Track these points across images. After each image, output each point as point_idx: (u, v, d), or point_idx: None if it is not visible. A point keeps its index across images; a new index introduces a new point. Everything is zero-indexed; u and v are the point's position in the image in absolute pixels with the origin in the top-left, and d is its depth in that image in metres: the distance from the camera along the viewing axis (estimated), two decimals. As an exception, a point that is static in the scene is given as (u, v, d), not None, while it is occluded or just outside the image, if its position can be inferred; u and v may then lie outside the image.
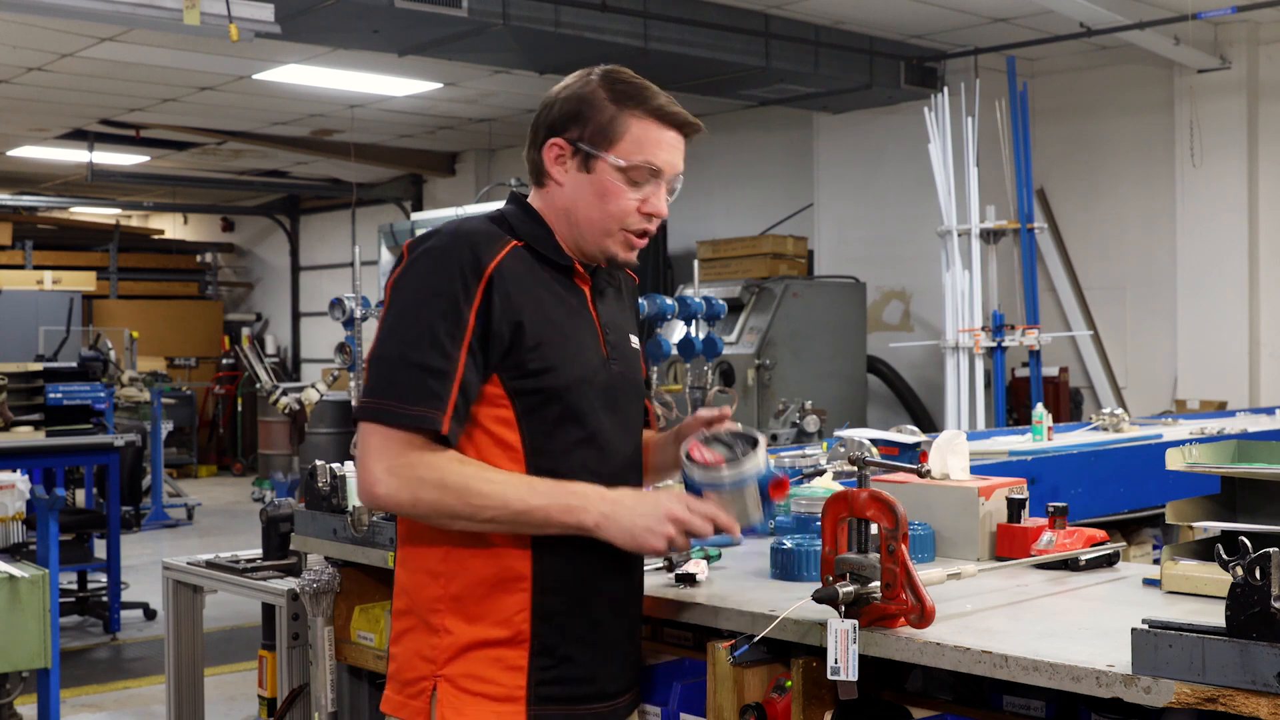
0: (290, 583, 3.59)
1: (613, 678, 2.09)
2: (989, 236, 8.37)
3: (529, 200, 2.15)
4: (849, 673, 1.95)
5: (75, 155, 13.84)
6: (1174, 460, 2.29)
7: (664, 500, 1.98)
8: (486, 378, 1.97)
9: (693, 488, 2.01)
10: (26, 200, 16.40)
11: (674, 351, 5.24)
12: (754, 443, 2.01)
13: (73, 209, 18.02)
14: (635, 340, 2.22)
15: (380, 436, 1.92)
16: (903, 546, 1.93)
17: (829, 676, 1.97)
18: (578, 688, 2.04)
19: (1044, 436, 4.69)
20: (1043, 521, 2.49)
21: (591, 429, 2.03)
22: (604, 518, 1.95)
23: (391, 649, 2.08)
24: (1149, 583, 2.29)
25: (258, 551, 3.98)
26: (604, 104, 2.05)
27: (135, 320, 15.58)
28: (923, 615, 1.93)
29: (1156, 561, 2.42)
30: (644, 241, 2.12)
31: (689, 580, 2.37)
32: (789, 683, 2.13)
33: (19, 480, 6.04)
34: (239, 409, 15.77)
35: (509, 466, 1.99)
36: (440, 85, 10.83)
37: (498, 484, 1.93)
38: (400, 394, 1.91)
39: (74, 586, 7.63)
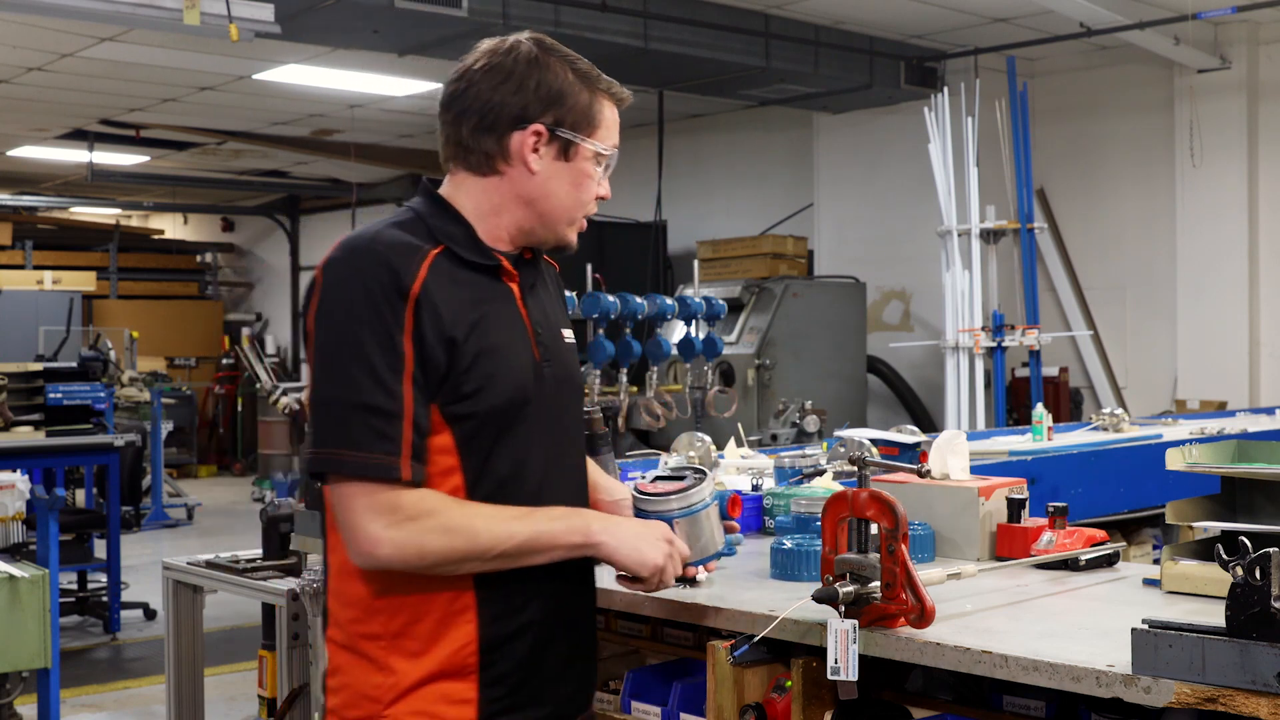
0: (290, 583, 3.59)
1: (568, 698, 1.96)
2: (989, 236, 8.37)
3: (443, 191, 1.96)
4: (849, 673, 1.95)
5: (75, 155, 13.84)
6: (1174, 460, 2.29)
7: (655, 524, 1.97)
8: (430, 408, 1.81)
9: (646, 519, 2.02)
10: (26, 200, 16.41)
11: (674, 351, 5.25)
12: (702, 475, 2.04)
13: (73, 209, 18.02)
14: (569, 334, 2.04)
15: (360, 491, 1.77)
16: (903, 546, 1.93)
17: (829, 676, 1.97)
18: (534, 711, 1.91)
19: (1044, 436, 4.69)
20: (1043, 521, 2.49)
21: (533, 443, 1.89)
22: (607, 534, 1.88)
23: (329, 681, 1.94)
24: (1149, 583, 2.29)
25: (258, 551, 3.98)
26: (577, 87, 1.92)
27: (135, 320, 15.58)
28: (923, 615, 1.93)
29: (1156, 561, 2.42)
30: (585, 227, 2.00)
31: (689, 580, 2.37)
32: (789, 683, 2.13)
33: (19, 480, 6.04)
34: (239, 409, 15.77)
35: (453, 495, 1.86)
36: (440, 85, 10.78)
37: (497, 518, 1.81)
38: (350, 442, 1.76)
39: (74, 586, 7.63)
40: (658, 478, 2.09)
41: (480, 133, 1.91)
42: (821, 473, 3.27)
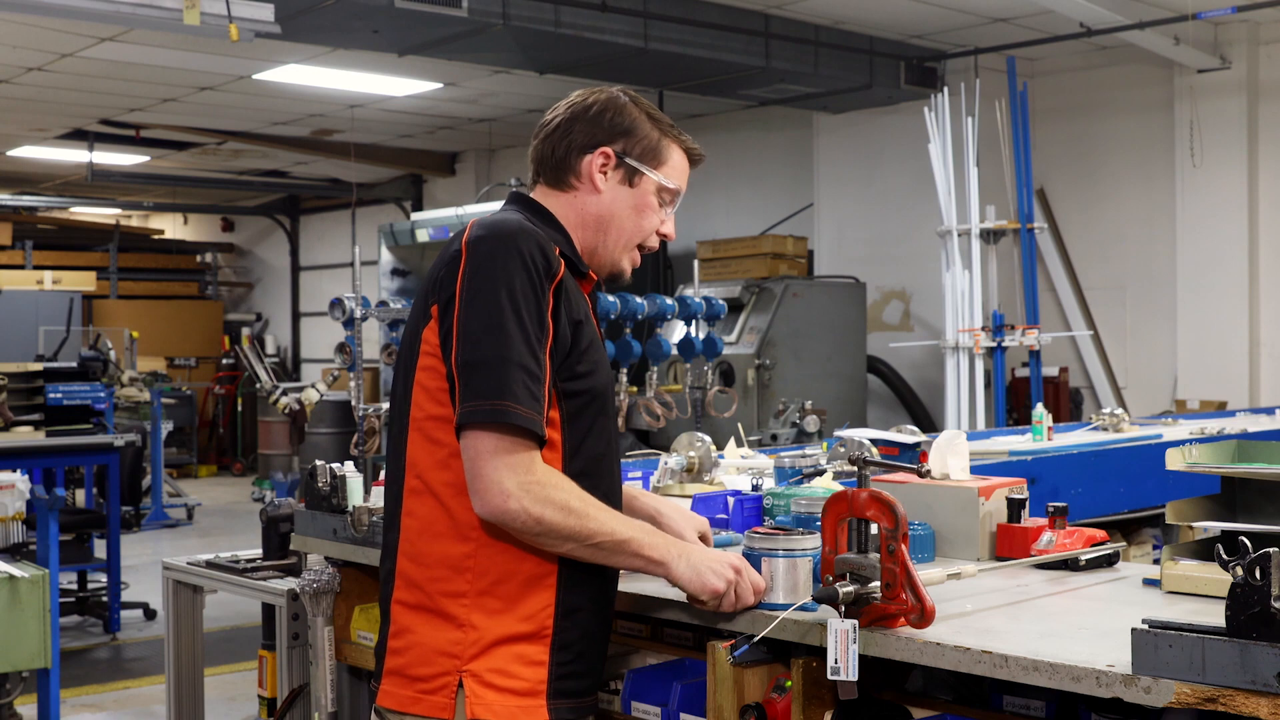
0: (290, 583, 3.60)
1: (603, 670, 2.19)
2: (989, 236, 8.37)
3: (537, 201, 2.19)
4: (849, 673, 1.95)
5: (75, 155, 13.84)
6: (1174, 460, 2.29)
7: (727, 552, 2.12)
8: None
9: (752, 560, 2.17)
10: (26, 200, 16.40)
11: (674, 351, 5.24)
12: (808, 536, 2.18)
13: (73, 209, 18.02)
14: None
15: (504, 445, 1.92)
16: (903, 546, 1.93)
17: (829, 676, 1.97)
18: (586, 680, 2.09)
19: (1044, 436, 4.69)
20: (1043, 521, 2.49)
21: (612, 430, 2.13)
22: (676, 557, 2.06)
23: (392, 643, 2.05)
24: (1149, 583, 2.29)
25: (258, 551, 3.99)
26: (649, 126, 2.19)
27: (135, 320, 15.58)
28: (923, 615, 1.93)
29: (1156, 561, 2.42)
30: (639, 261, 2.25)
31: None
32: (789, 683, 2.13)
33: (19, 480, 6.05)
34: (239, 409, 15.77)
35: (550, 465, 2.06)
36: (440, 85, 10.83)
37: (605, 513, 2.01)
38: (514, 396, 1.92)
39: (74, 586, 7.63)
40: (776, 527, 2.27)
41: (562, 152, 2.16)
42: (821, 473, 3.27)
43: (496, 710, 1.98)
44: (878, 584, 1.95)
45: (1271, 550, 1.61)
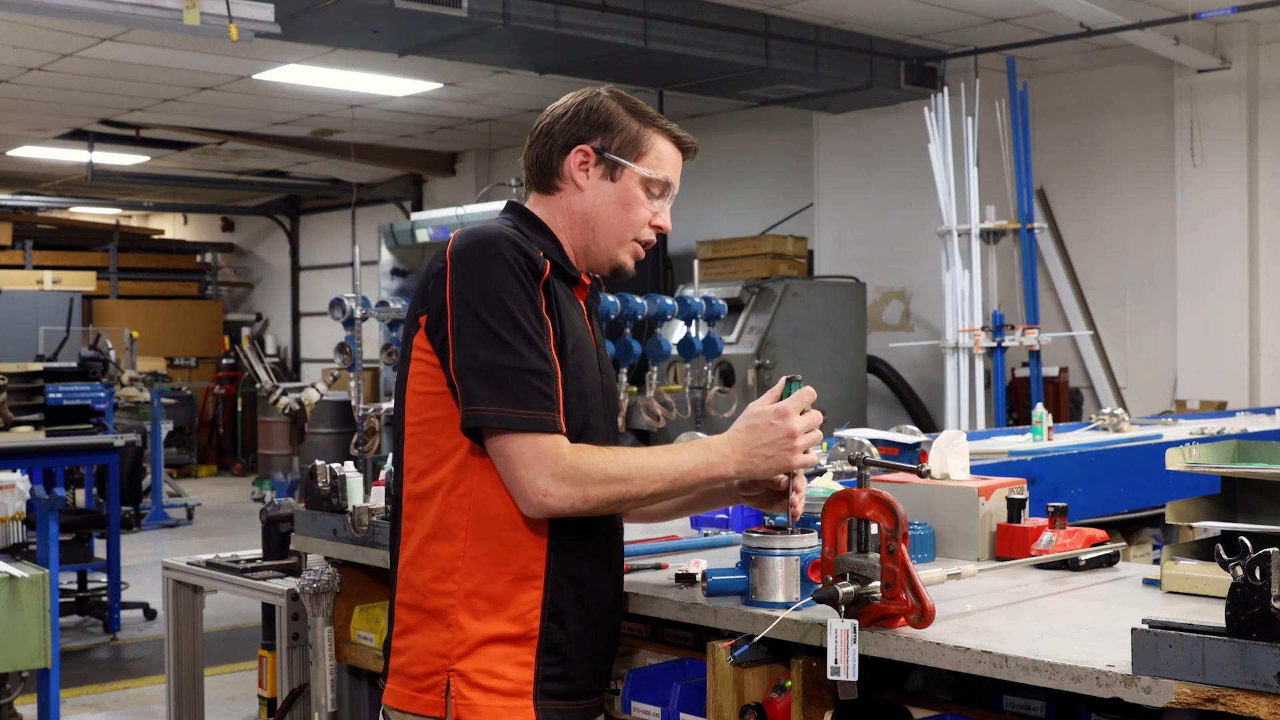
0: (290, 583, 3.60)
1: (597, 676, 2.15)
2: (989, 236, 8.36)
3: (529, 208, 2.21)
4: (849, 673, 1.95)
5: (75, 155, 13.84)
6: (1174, 460, 2.30)
7: (766, 416, 2.10)
8: None
9: (745, 554, 2.23)
10: (26, 200, 16.40)
11: (674, 351, 5.24)
12: (803, 533, 2.21)
13: (73, 209, 18.02)
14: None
15: (525, 444, 1.95)
16: (903, 546, 1.93)
17: (829, 676, 1.97)
18: (574, 684, 2.08)
19: (1044, 436, 4.69)
20: (1043, 521, 2.49)
21: (599, 438, 2.10)
22: (739, 462, 2.07)
23: (395, 643, 2.10)
24: (1149, 583, 2.29)
25: (258, 551, 3.99)
26: (628, 119, 2.17)
27: (135, 320, 15.58)
28: (923, 615, 1.93)
29: (1156, 561, 2.42)
30: (642, 254, 2.24)
31: (689, 580, 2.37)
32: (789, 683, 2.13)
33: (19, 480, 6.04)
34: (239, 409, 15.77)
35: None
36: (440, 85, 10.83)
37: (646, 458, 2.02)
38: (517, 400, 1.94)
39: (74, 586, 7.63)
40: (775, 526, 2.27)
41: (544, 156, 2.19)
42: (821, 473, 3.26)
43: (481, 710, 2.01)
44: (878, 584, 1.95)
45: (1271, 550, 1.61)
